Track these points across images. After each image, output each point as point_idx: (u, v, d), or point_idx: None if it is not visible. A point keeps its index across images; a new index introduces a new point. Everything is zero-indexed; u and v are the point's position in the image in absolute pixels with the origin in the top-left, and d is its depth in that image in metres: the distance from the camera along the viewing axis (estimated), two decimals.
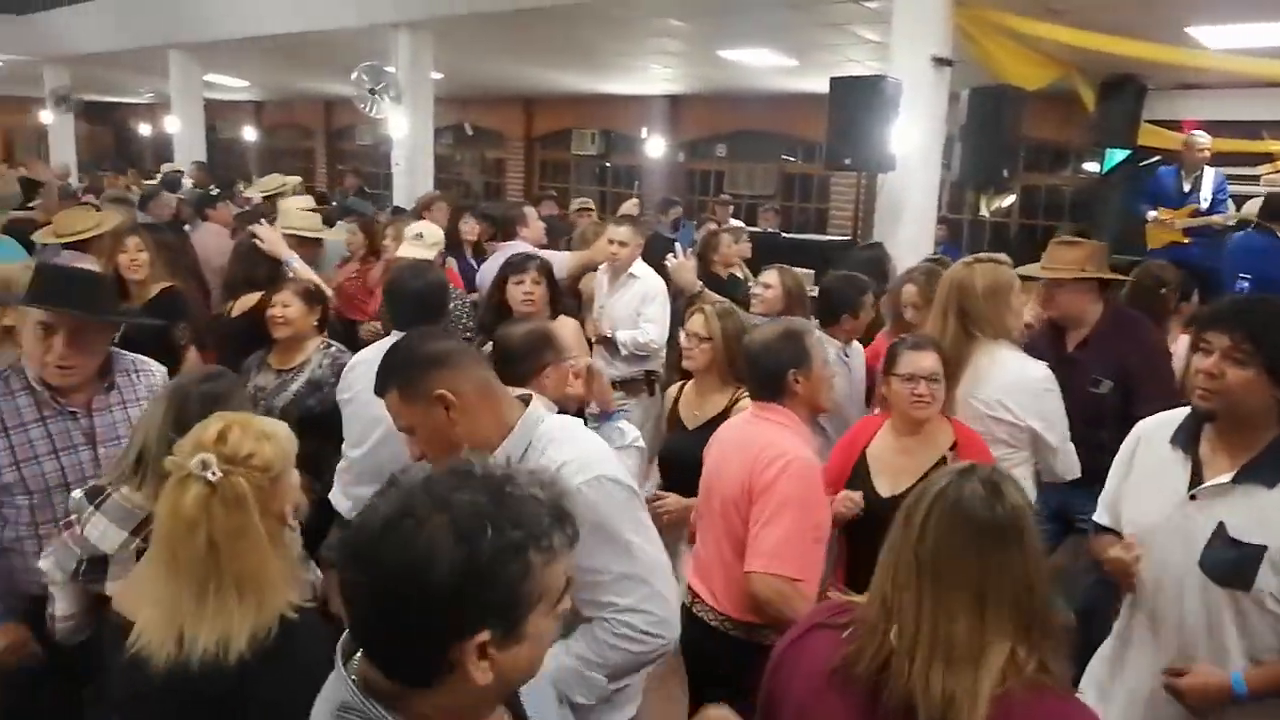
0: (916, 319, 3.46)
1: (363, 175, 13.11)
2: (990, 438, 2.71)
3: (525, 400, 1.86)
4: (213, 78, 14.10)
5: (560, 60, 10.98)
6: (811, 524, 2.27)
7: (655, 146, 13.35)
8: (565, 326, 3.58)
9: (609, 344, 4.51)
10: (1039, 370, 2.82)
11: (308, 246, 4.89)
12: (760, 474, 2.28)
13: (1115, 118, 7.19)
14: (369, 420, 2.96)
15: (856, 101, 5.63)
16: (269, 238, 4.08)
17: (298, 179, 7.99)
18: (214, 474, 1.55)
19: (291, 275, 3.82)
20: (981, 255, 3.01)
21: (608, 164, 14.92)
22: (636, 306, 4.50)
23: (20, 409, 2.36)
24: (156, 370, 2.63)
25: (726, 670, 2.27)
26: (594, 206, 7.42)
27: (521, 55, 10.81)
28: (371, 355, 3.07)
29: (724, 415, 2.94)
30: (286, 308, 3.32)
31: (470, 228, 6.68)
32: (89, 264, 3.69)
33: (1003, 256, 3.02)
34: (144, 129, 22.06)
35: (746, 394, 2.85)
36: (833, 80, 5.86)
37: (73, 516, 2.06)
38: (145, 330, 3.32)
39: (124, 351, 2.60)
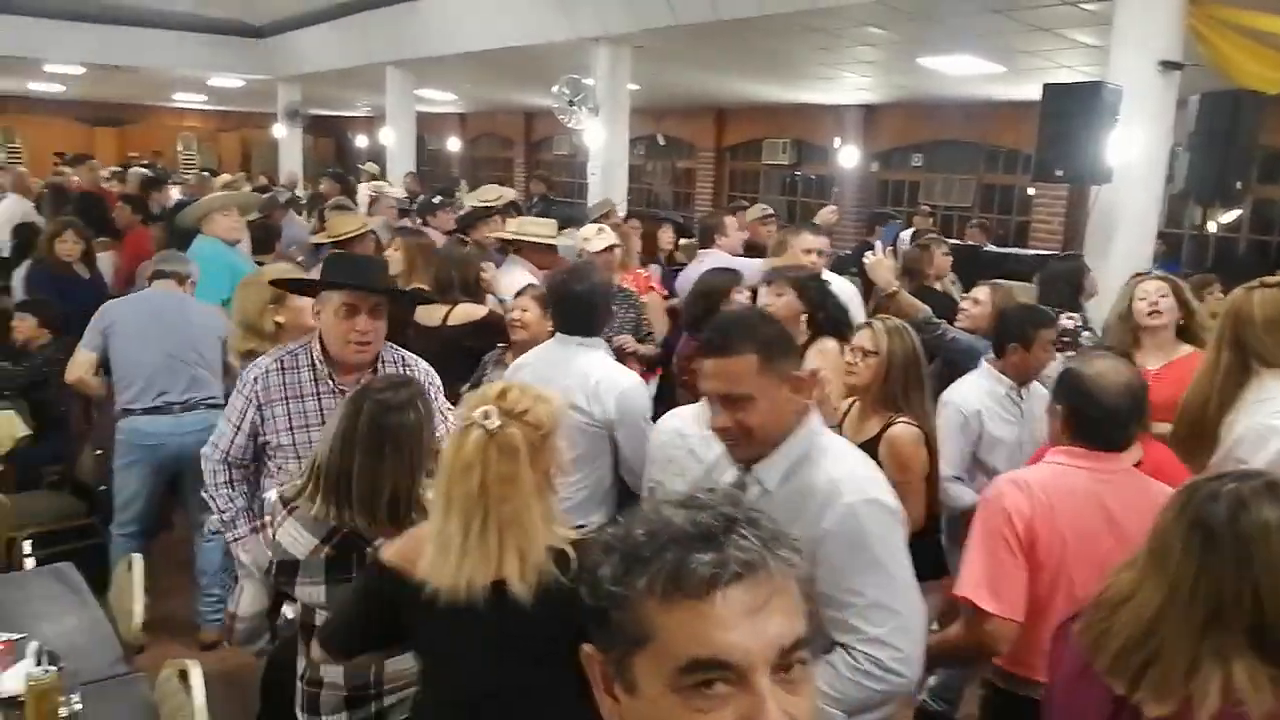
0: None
1: (550, 183, 13.61)
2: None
3: (806, 409, 1.91)
4: (424, 92, 14.95)
5: (755, 71, 11.02)
6: None
7: (848, 156, 13.16)
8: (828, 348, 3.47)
9: None
10: None
11: (543, 253, 5.16)
12: None
13: None
14: None
15: (1071, 109, 5.36)
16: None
17: (514, 191, 8.45)
18: (493, 424, 1.70)
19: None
20: (1268, 280, 2.67)
21: (798, 174, 14.83)
22: None
23: (302, 381, 2.67)
24: (424, 365, 2.85)
25: None
26: (775, 214, 7.35)
27: (717, 66, 10.92)
28: (533, 359, 3.19)
29: (876, 440, 2.84)
30: (525, 312, 3.49)
31: (668, 236, 6.86)
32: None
33: None
34: (361, 140, 23.70)
35: (903, 419, 2.76)
36: (1046, 87, 5.60)
37: (267, 518, 2.17)
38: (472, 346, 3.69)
39: (393, 345, 2.83)
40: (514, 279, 4.51)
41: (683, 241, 6.97)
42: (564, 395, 2.96)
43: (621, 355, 3.98)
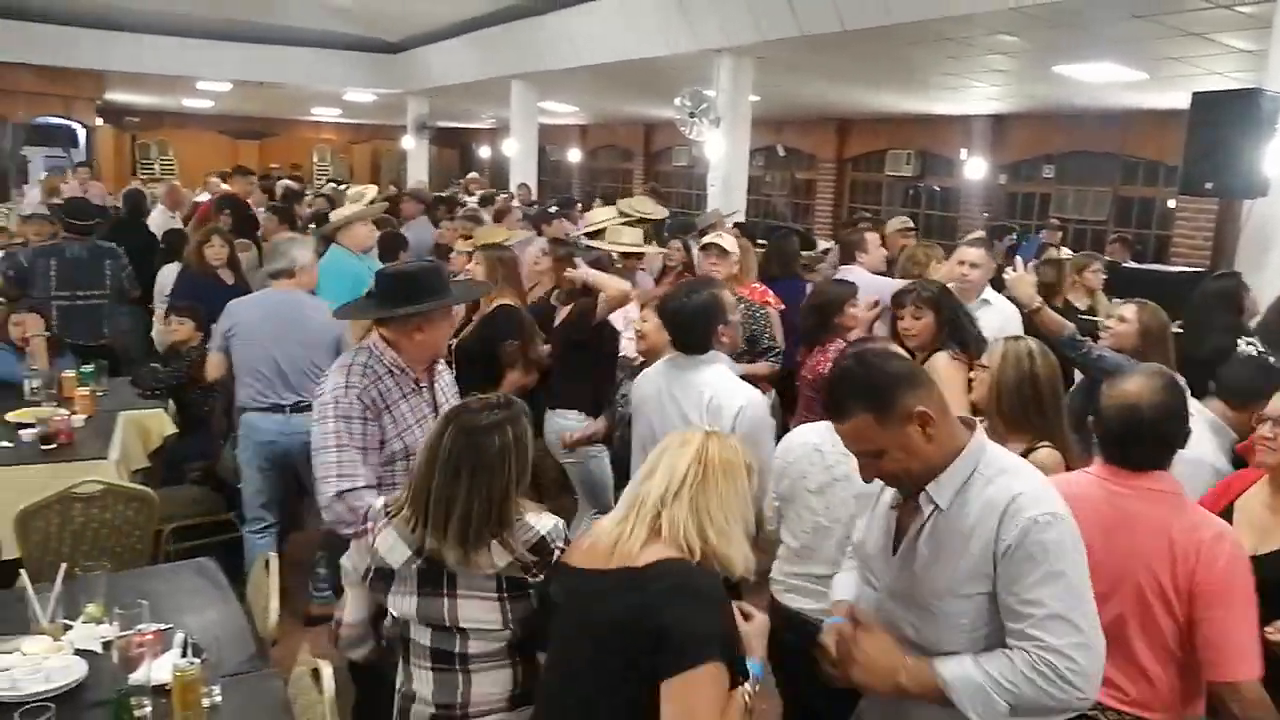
0: None
1: (659, 194, 13.62)
2: None
3: (968, 423, 1.87)
4: (547, 104, 15.24)
5: (880, 81, 10.82)
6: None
7: (975, 168, 12.78)
8: (939, 363, 3.43)
9: None
10: None
11: (631, 259, 5.23)
12: (1203, 562, 2.01)
13: None
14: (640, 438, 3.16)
15: (1223, 119, 5.06)
16: (585, 275, 4.33)
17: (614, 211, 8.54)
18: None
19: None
20: None
21: (920, 185, 14.48)
22: (994, 335, 4.29)
23: (390, 389, 2.77)
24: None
25: None
26: (915, 227, 7.16)
27: (840, 77, 10.77)
28: (651, 374, 3.19)
29: None
30: (645, 323, 3.48)
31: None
32: None
33: None
34: (484, 151, 24.33)
35: (1045, 445, 2.62)
36: (1196, 96, 5.30)
37: (369, 524, 2.15)
38: (473, 348, 3.71)
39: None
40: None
41: (805, 254, 6.88)
42: (677, 407, 3.01)
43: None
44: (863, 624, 1.93)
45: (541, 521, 2.07)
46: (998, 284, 4.38)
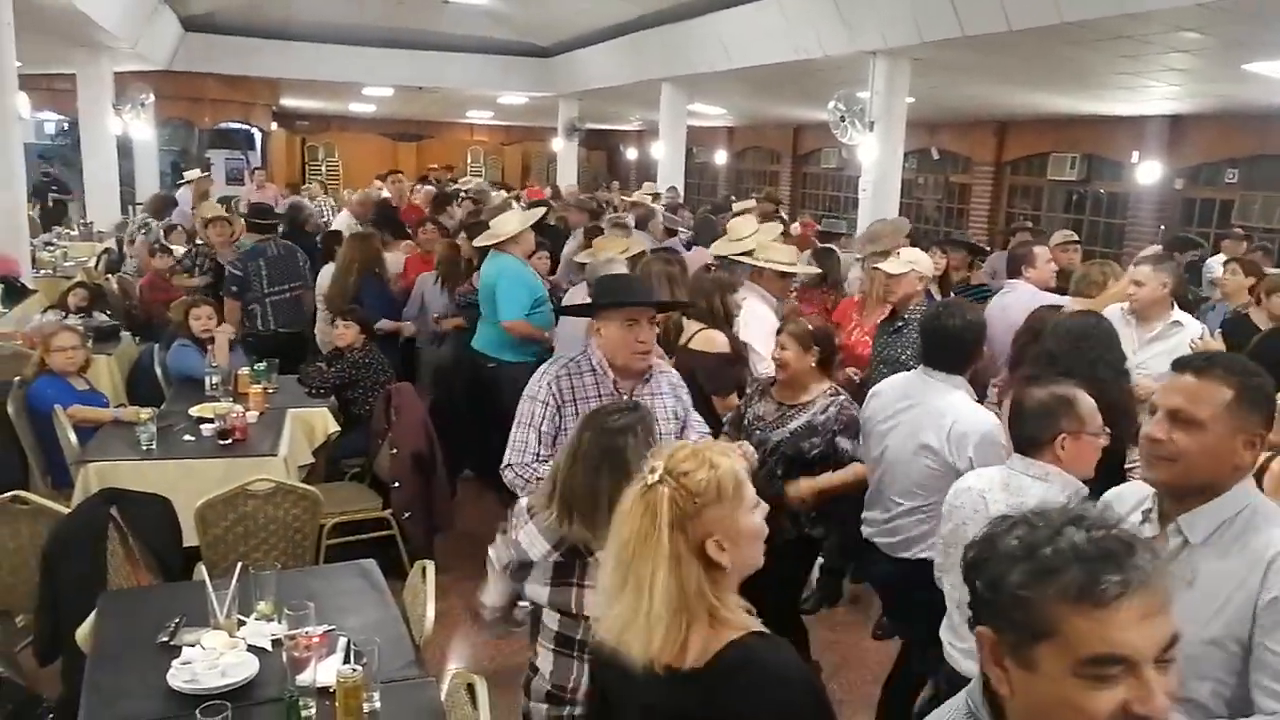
0: None
1: (801, 198, 13.40)
2: None
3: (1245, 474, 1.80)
4: (695, 106, 15.24)
5: (1044, 81, 10.30)
6: None
7: (1148, 172, 12.01)
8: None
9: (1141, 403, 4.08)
10: None
11: (782, 280, 5.06)
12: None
13: None
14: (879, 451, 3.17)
15: None
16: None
17: (771, 205, 8.42)
18: (651, 479, 1.61)
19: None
20: None
21: (1085, 190, 13.72)
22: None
23: (586, 385, 2.95)
24: (675, 374, 3.17)
25: None
26: (1078, 239, 6.74)
27: (1002, 78, 10.32)
28: (886, 388, 3.24)
29: None
30: (784, 350, 3.41)
31: (939, 259, 6.46)
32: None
33: None
34: (631, 153, 24.56)
35: None
36: None
37: (514, 521, 2.33)
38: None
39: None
40: (750, 307, 4.47)
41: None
42: (911, 428, 3.00)
43: None
44: None
45: None
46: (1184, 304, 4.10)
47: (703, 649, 1.55)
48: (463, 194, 11.38)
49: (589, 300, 3.70)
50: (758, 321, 4.44)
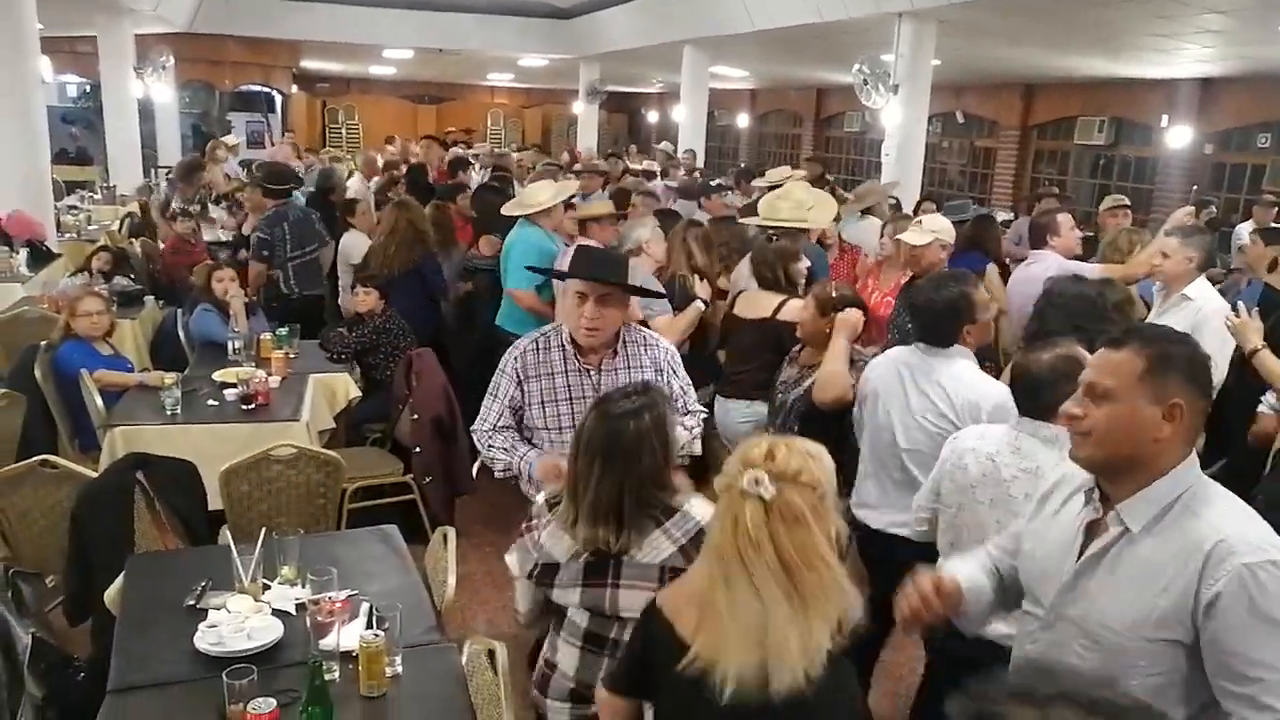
0: None
1: (822, 161, 13.23)
2: None
3: (1186, 454, 1.70)
4: (718, 69, 15.07)
5: (1074, 44, 10.10)
6: None
7: (1177, 136, 11.79)
8: None
9: None
10: None
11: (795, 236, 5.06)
12: None
13: None
14: (875, 426, 3.08)
15: None
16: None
17: (803, 171, 8.31)
18: (769, 492, 1.54)
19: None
20: None
21: (1113, 154, 13.50)
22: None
23: (552, 360, 2.92)
24: (664, 345, 3.06)
25: None
26: (1129, 205, 6.54)
27: (1030, 40, 10.13)
28: (881, 368, 3.14)
29: None
30: (804, 311, 3.42)
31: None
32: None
33: None
34: (652, 116, 24.35)
35: None
36: None
37: (534, 520, 2.23)
38: None
39: (638, 326, 3.11)
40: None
41: None
42: (916, 406, 2.96)
43: None
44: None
45: (704, 510, 2.07)
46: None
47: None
48: (481, 160, 11.37)
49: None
50: None
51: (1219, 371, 3.80)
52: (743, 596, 1.55)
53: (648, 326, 3.51)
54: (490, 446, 2.94)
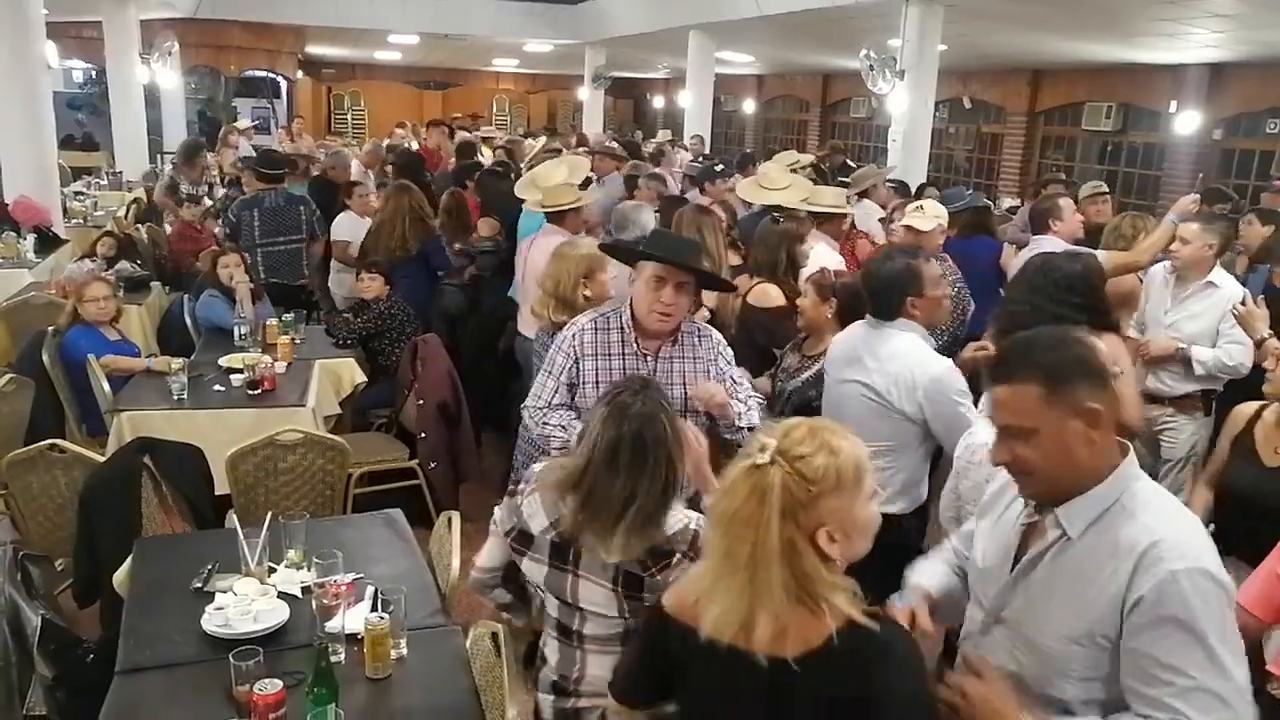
0: None
1: (846, 150, 13.21)
2: None
3: (1123, 449, 1.66)
4: (723, 54, 15.01)
5: (1082, 28, 10.04)
6: None
7: (1185, 122, 11.72)
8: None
9: (1161, 362, 4.07)
10: None
11: (835, 223, 5.07)
12: None
13: None
14: (835, 400, 3.12)
15: None
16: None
17: (810, 156, 8.29)
18: (760, 460, 1.49)
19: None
20: None
21: (1120, 140, 13.43)
22: (1214, 322, 3.97)
23: (610, 341, 2.90)
24: (716, 336, 3.02)
25: None
26: (1108, 191, 6.57)
27: (1038, 25, 10.07)
28: (840, 343, 3.18)
29: None
30: (804, 298, 3.42)
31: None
32: None
33: None
34: (657, 101, 24.28)
35: None
36: None
37: (524, 485, 2.20)
38: None
39: (691, 318, 3.04)
40: (819, 254, 4.40)
41: None
42: (858, 375, 3.00)
43: None
44: (981, 672, 1.69)
45: (670, 519, 2.03)
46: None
47: (819, 633, 1.47)
48: (494, 144, 11.35)
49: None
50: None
51: (1249, 355, 3.83)
52: (709, 554, 1.58)
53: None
54: (545, 424, 2.92)
